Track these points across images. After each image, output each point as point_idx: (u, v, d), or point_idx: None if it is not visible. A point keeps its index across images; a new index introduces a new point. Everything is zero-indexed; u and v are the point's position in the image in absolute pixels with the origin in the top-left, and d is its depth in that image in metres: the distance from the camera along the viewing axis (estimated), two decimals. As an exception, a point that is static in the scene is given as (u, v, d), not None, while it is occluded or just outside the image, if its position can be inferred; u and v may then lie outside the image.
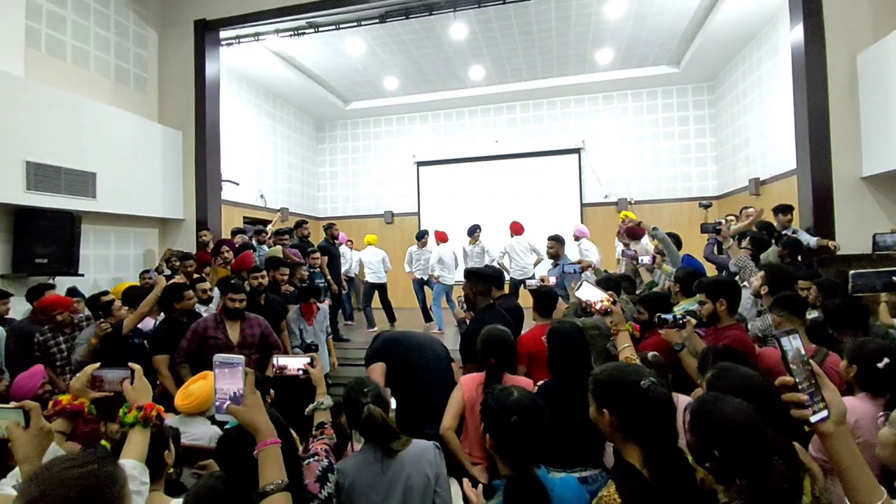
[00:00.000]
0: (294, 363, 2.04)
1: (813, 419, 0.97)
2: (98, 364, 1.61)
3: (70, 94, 5.16)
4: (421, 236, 7.54)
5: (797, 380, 0.99)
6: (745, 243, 4.25)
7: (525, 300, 4.29)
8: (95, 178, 5.26)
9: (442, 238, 7.17)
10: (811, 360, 1.02)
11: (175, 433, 1.85)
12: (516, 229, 6.78)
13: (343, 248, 7.73)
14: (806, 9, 4.85)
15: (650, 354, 2.33)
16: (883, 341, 2.04)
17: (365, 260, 7.64)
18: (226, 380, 1.31)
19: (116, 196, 5.54)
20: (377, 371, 2.85)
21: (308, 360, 2.02)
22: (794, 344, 1.01)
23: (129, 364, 1.56)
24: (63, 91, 5.09)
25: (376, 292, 7.52)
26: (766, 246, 4.18)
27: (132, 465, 1.35)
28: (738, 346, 2.26)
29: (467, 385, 2.45)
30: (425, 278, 7.28)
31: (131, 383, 1.51)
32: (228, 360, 1.32)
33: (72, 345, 3.73)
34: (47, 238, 4.76)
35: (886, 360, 1.87)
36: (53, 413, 1.52)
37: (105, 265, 5.71)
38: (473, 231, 7.05)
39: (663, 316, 2.67)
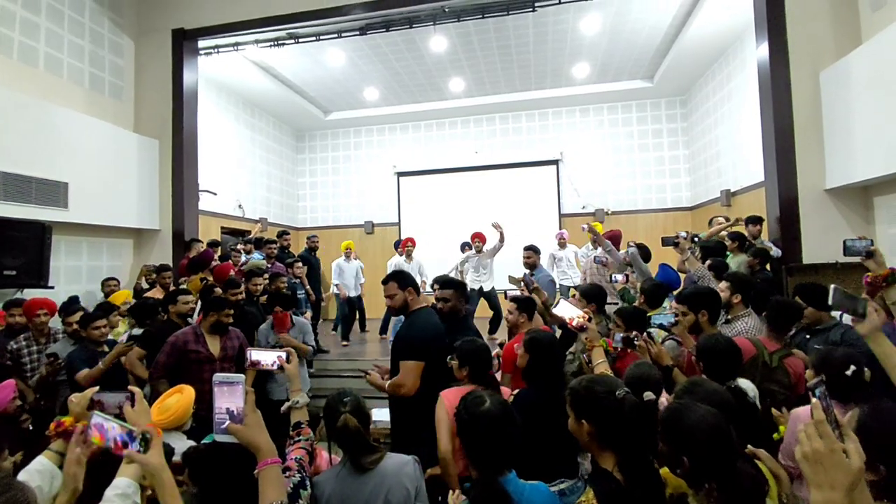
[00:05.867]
0: (268, 358, 1.94)
1: None
2: (97, 388, 1.62)
3: (42, 102, 5.05)
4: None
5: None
6: (697, 254, 4.38)
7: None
8: (67, 187, 5.14)
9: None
10: (836, 413, 1.02)
11: (169, 450, 1.82)
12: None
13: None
14: (771, 27, 5.05)
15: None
16: (848, 349, 2.11)
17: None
18: (225, 398, 1.30)
19: (89, 206, 5.42)
20: (415, 372, 2.59)
21: (283, 354, 1.92)
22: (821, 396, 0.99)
23: (129, 388, 1.56)
24: (35, 99, 4.98)
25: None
26: (713, 254, 4.32)
27: (127, 483, 1.36)
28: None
29: (450, 400, 2.28)
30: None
31: (132, 406, 1.49)
32: (228, 378, 1.32)
33: (43, 356, 3.65)
34: (16, 249, 4.62)
35: (853, 367, 1.94)
36: (55, 434, 1.51)
37: (77, 277, 5.56)
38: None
39: (650, 331, 2.70)
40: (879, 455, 1.15)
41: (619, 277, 4.16)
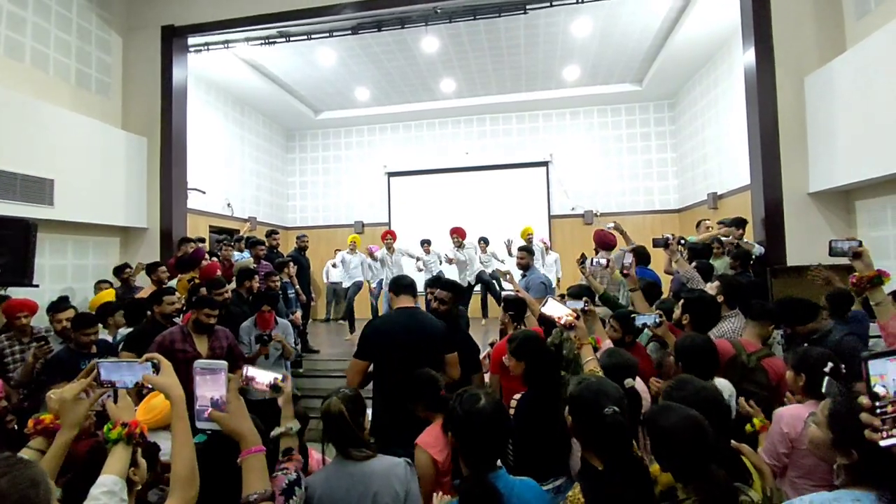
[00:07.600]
0: (265, 377, 1.82)
1: (883, 443, 0.95)
2: (79, 384, 1.55)
3: (28, 97, 4.98)
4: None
5: (877, 403, 0.97)
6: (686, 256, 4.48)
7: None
8: (53, 184, 5.06)
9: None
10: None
11: (155, 448, 1.80)
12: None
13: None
14: (757, 33, 5.14)
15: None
16: (822, 349, 2.16)
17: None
18: (207, 386, 1.29)
19: (75, 204, 5.34)
20: (353, 369, 2.72)
21: (280, 376, 1.82)
22: (889, 367, 0.96)
23: (147, 355, 1.51)
24: (20, 94, 4.91)
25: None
26: (699, 256, 4.40)
27: (113, 480, 1.32)
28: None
29: (431, 447, 2.07)
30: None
31: (114, 402, 1.46)
32: (210, 365, 1.31)
33: (26, 355, 3.59)
34: (0, 247, 4.55)
35: (831, 364, 1.99)
36: (34, 431, 1.46)
37: (61, 275, 5.48)
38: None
39: (646, 322, 2.79)
40: (852, 440, 1.18)
41: (602, 261, 4.25)
